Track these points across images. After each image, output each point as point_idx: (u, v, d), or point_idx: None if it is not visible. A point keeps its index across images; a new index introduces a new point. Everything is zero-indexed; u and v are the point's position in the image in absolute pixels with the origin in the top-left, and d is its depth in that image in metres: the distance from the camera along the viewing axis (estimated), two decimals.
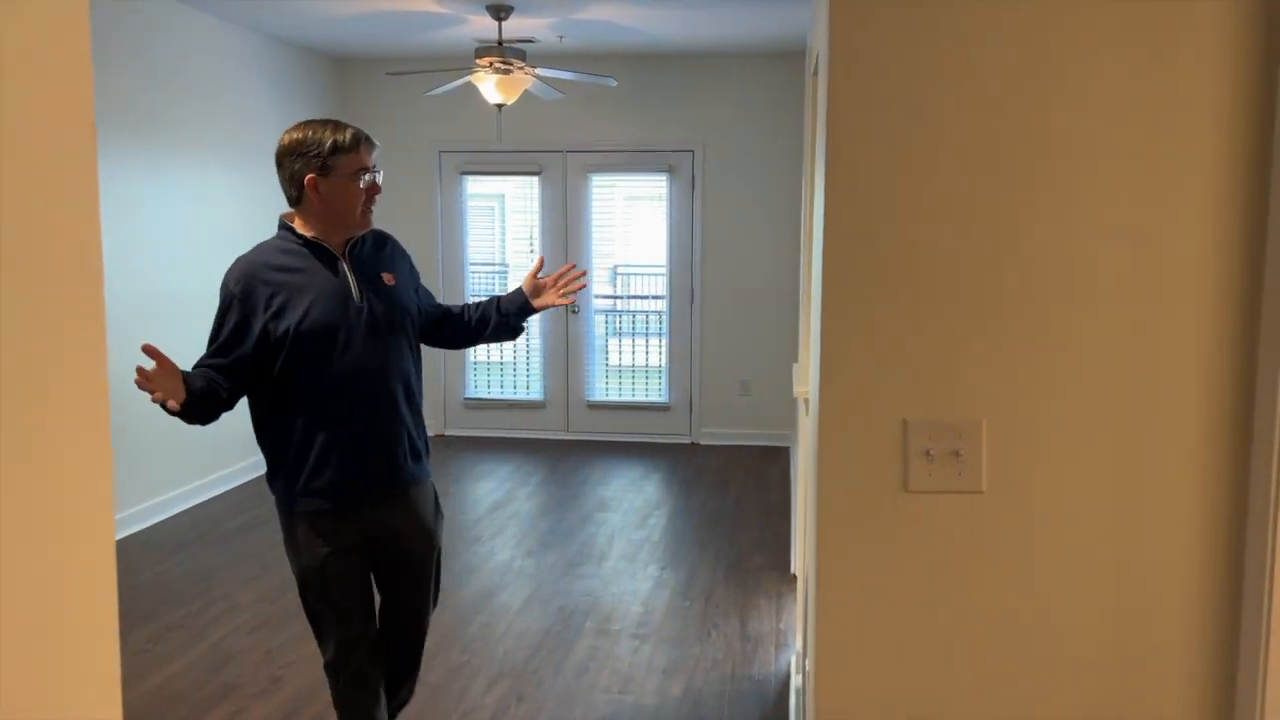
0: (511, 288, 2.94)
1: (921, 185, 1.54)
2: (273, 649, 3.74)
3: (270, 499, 2.64)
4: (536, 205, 7.45)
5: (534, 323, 7.48)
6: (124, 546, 4.90)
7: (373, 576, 2.66)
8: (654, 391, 7.49)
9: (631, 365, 7.57)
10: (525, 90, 6.17)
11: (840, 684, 1.64)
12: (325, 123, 2.49)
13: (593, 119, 7.23)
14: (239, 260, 2.52)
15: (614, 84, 5.99)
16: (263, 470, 2.70)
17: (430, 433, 7.47)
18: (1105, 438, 1.54)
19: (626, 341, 7.60)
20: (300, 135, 2.46)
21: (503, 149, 7.35)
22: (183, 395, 2.28)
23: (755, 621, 4.04)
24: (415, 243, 7.50)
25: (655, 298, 7.50)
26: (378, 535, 2.57)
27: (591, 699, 3.41)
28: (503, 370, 7.64)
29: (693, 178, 7.20)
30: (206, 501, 5.71)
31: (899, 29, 1.51)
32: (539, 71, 5.69)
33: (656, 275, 7.47)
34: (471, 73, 5.66)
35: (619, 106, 7.18)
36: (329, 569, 2.49)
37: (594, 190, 7.37)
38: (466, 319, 2.89)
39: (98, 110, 4.31)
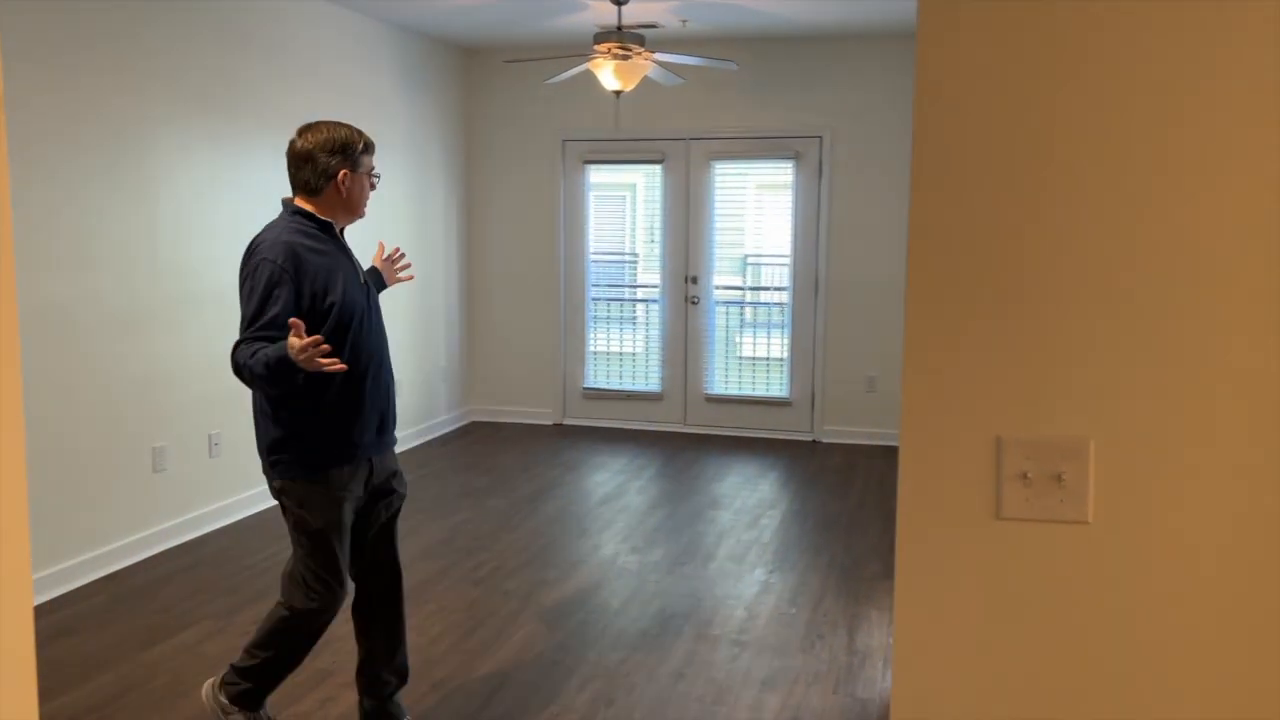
0: (640, 279, 3.07)
1: (1025, 176, 1.33)
2: None
3: None
4: (658, 194, 7.33)
5: (654, 313, 7.38)
6: (242, 527, 5.02)
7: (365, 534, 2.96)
8: (775, 386, 7.28)
9: (752, 358, 7.37)
10: (645, 77, 6.05)
11: None
12: (349, 125, 2.87)
13: (716, 105, 7.05)
14: (274, 241, 2.71)
15: (734, 67, 5.80)
16: None
17: (548, 421, 7.56)
18: (1237, 465, 1.30)
19: (748, 334, 7.41)
20: (342, 134, 2.82)
21: (626, 137, 7.25)
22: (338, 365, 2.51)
23: (864, 635, 3.82)
24: (536, 233, 7.52)
25: (778, 289, 7.28)
26: (380, 483, 2.88)
27: (684, 708, 3.27)
28: (621, 361, 7.56)
29: (820, 165, 6.94)
30: None
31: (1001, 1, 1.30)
32: (657, 56, 5.56)
33: (779, 266, 7.24)
34: (590, 59, 5.57)
35: (743, 92, 6.98)
36: (345, 519, 2.79)
37: (717, 178, 7.20)
38: None
39: (230, 102, 4.41)
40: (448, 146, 7.22)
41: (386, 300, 6.47)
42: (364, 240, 5.88)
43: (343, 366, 2.49)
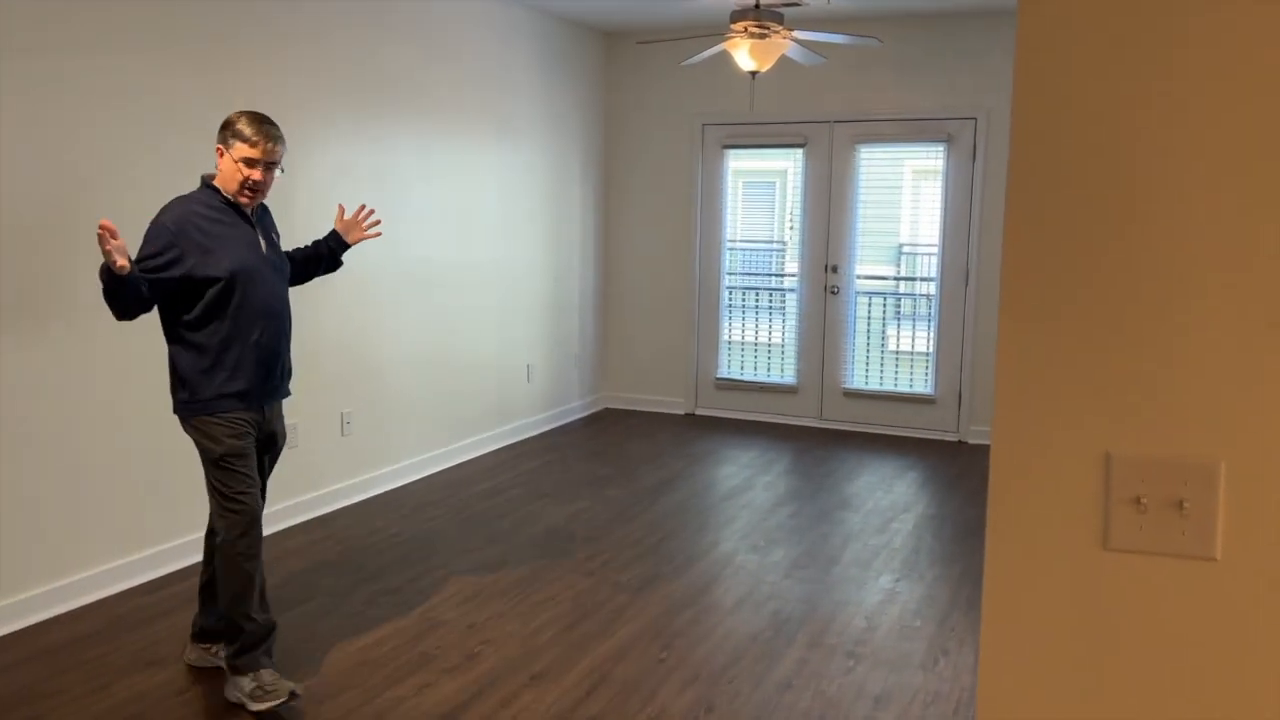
0: (788, 268, 2.86)
1: (1145, 156, 1.11)
2: (476, 624, 3.71)
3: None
4: (800, 179, 7.08)
5: (790, 302, 7.14)
6: (367, 506, 5.11)
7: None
8: (919, 382, 6.93)
9: (896, 352, 7.04)
10: (784, 56, 5.81)
11: None
12: (247, 113, 3.09)
13: (862, 86, 6.74)
14: (172, 206, 3.05)
15: (878, 44, 5.50)
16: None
17: (680, 411, 7.44)
18: None
19: (892, 327, 7.08)
20: (230, 117, 3.07)
21: (767, 120, 7.03)
22: (128, 264, 2.77)
23: None
24: (672, 219, 7.39)
25: (925, 279, 6.92)
26: (267, 429, 3.22)
27: None
28: (756, 351, 7.36)
29: (974, 148, 6.54)
30: (456, 466, 5.89)
31: None
32: (796, 34, 5.32)
33: (927, 255, 6.88)
34: (726, 39, 5.39)
35: (890, 71, 6.65)
36: (244, 449, 3.09)
37: (862, 163, 6.89)
38: (300, 259, 3.49)
39: (368, 89, 4.41)
40: (585, 131, 7.18)
41: (519, 283, 6.42)
42: (474, 206, 5.87)
43: (124, 262, 2.73)
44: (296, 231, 4.71)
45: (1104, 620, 1.19)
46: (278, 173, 3.15)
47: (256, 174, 3.06)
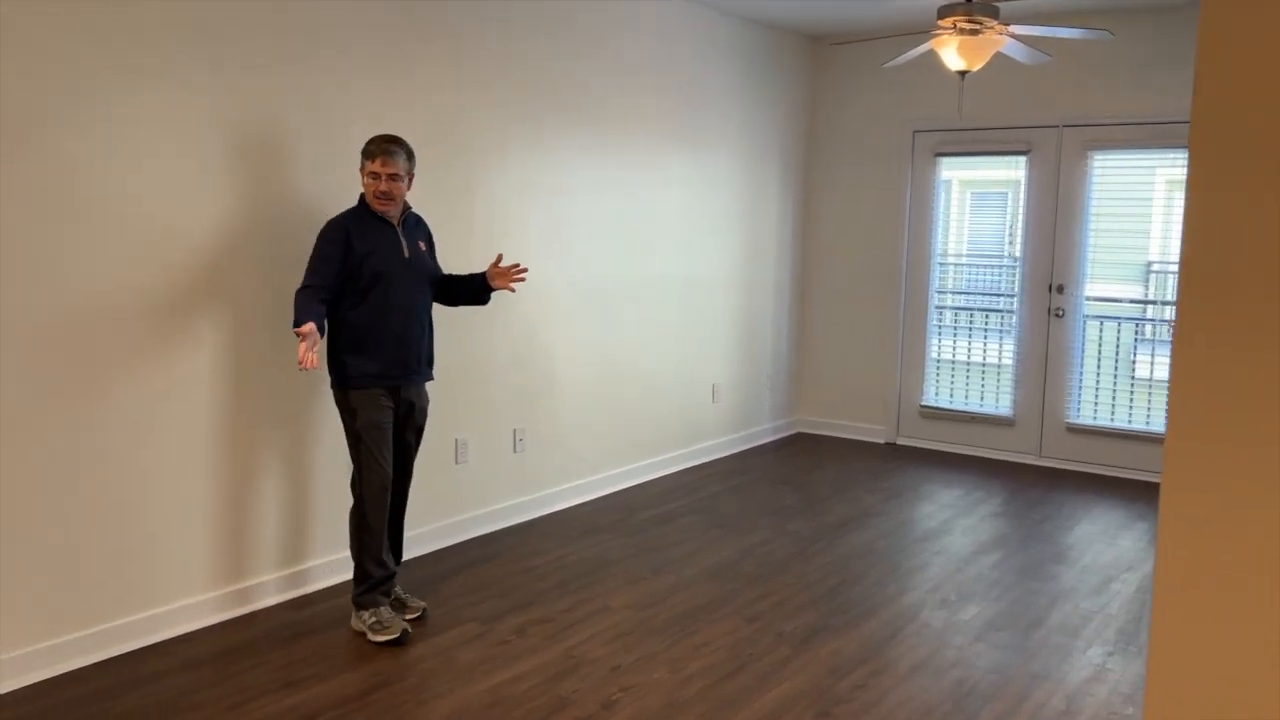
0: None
1: None
2: (622, 666, 3.46)
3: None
4: (1021, 190, 6.43)
5: (1009, 327, 6.50)
6: (534, 526, 4.98)
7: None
8: (1156, 418, 6.11)
9: (1131, 380, 6.24)
10: (1002, 55, 5.26)
11: None
12: (379, 135, 3.64)
13: (1096, 86, 6.04)
14: (334, 219, 3.63)
15: (1111, 38, 4.85)
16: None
17: (880, 440, 6.91)
18: None
19: (1133, 353, 6.28)
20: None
21: (987, 125, 6.44)
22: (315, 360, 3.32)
23: None
24: (878, 232, 6.90)
25: (1166, 303, 6.10)
26: (405, 405, 3.72)
27: None
28: (968, 377, 6.75)
29: None
30: (631, 488, 5.69)
31: None
32: (1014, 29, 4.77)
33: (1170, 274, 6.06)
34: (932, 36, 4.91)
35: (1127, 70, 5.91)
36: (381, 421, 3.61)
37: (1095, 171, 6.17)
38: (448, 283, 3.91)
39: (550, 101, 4.30)
40: (784, 141, 6.83)
41: (706, 299, 6.15)
42: (617, 214, 5.61)
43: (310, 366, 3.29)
44: (476, 243, 4.65)
45: None
46: (404, 183, 3.64)
47: (382, 184, 3.57)
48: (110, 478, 3.41)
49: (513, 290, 3.92)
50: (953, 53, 4.84)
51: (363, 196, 3.64)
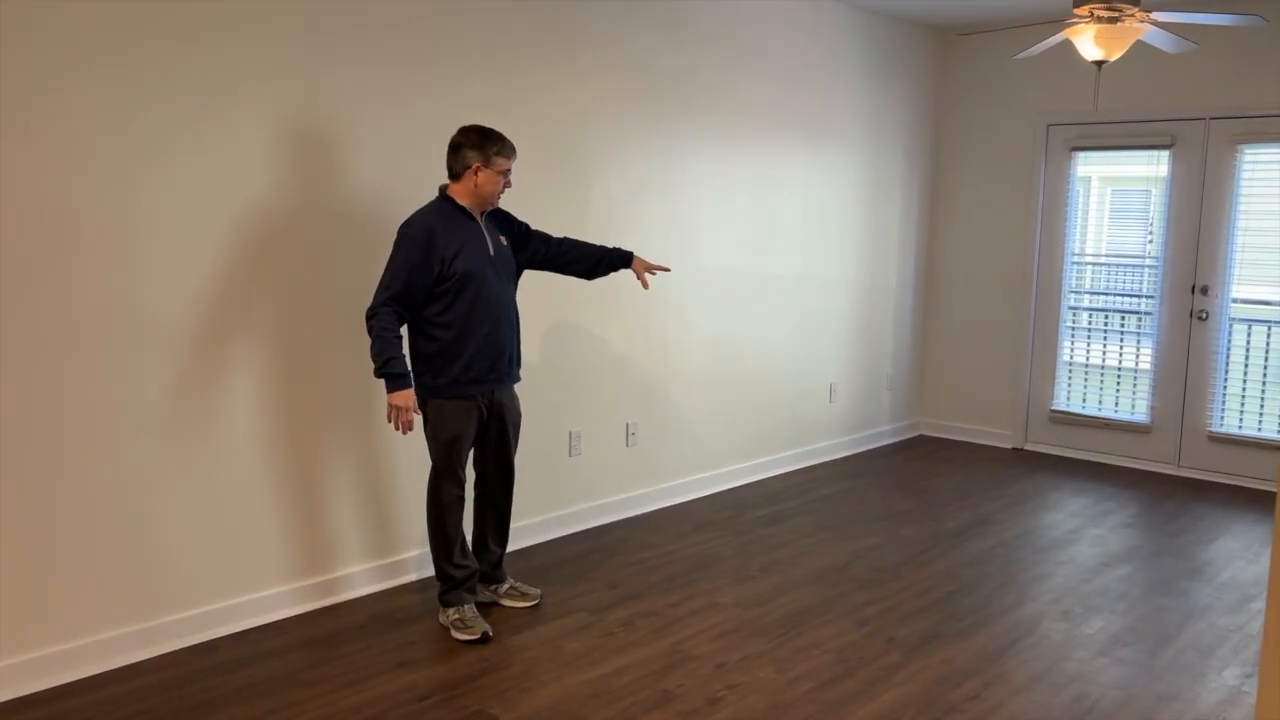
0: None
1: None
2: (728, 663, 3.44)
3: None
4: (1164, 186, 6.11)
5: (1147, 330, 6.19)
6: (645, 520, 4.99)
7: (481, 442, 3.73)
8: None
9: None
10: (1144, 44, 5.01)
11: None
12: (496, 131, 3.52)
13: (1244, 75, 5.69)
14: (416, 219, 3.45)
15: (1265, 24, 4.56)
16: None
17: (1006, 445, 6.67)
18: None
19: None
20: (480, 135, 3.48)
21: (1127, 119, 6.14)
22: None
23: None
24: (1008, 229, 6.66)
25: None
26: (495, 406, 3.63)
27: None
28: (1103, 381, 6.45)
29: None
30: (743, 486, 5.65)
31: None
32: (1156, 16, 4.53)
33: None
34: (1068, 25, 4.71)
35: (1279, 57, 5.55)
36: (466, 430, 3.56)
37: (1245, 166, 5.82)
38: (583, 253, 3.86)
39: (668, 96, 4.37)
40: (909, 135, 6.66)
41: (824, 297, 6.05)
42: (743, 219, 5.52)
43: (408, 431, 3.38)
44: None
45: None
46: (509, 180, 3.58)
47: (509, 180, 3.54)
48: (194, 474, 3.58)
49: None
50: (1089, 42, 4.62)
51: (443, 190, 3.51)
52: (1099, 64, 4.77)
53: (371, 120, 3.82)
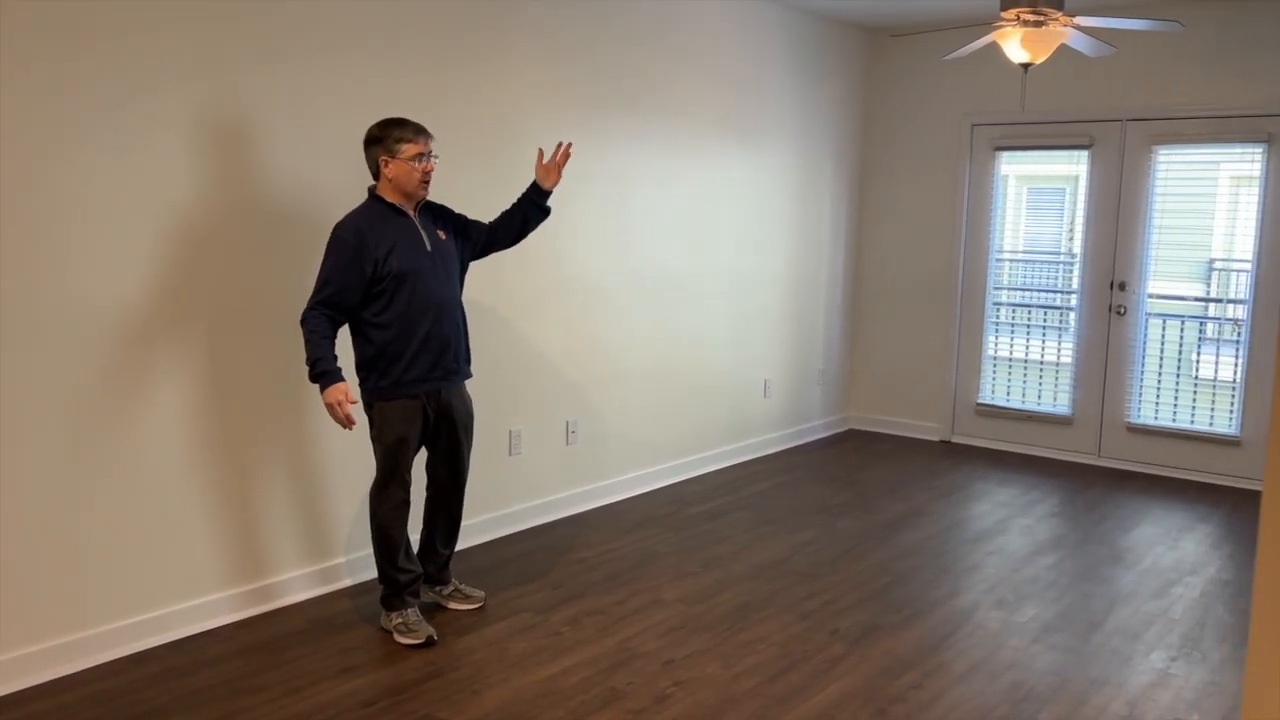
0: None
1: None
2: (674, 660, 3.46)
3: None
4: (1082, 185, 6.31)
5: (1068, 325, 6.39)
6: (586, 518, 4.99)
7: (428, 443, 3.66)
8: (1220, 420, 5.97)
9: (1195, 380, 6.10)
10: (1065, 47, 5.15)
11: None
12: (395, 119, 3.41)
13: (1160, 79, 5.90)
14: (346, 221, 3.39)
15: (1180, 29, 4.74)
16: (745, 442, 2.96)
17: (934, 438, 6.83)
18: None
19: (1194, 353, 6.14)
20: (378, 130, 3.39)
21: (1049, 119, 6.32)
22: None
23: None
24: (934, 227, 6.81)
25: (1234, 301, 5.95)
26: (443, 405, 3.55)
27: None
28: (1025, 375, 6.64)
29: None
30: (682, 482, 5.68)
31: None
32: (1079, 21, 4.68)
33: (1241, 272, 5.92)
34: (995, 28, 4.83)
35: (1195, 62, 5.77)
36: (409, 434, 3.49)
37: (1160, 166, 6.03)
38: (506, 219, 3.74)
39: (609, 93, 4.30)
40: (839, 134, 6.76)
41: (758, 294, 6.11)
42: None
43: (349, 426, 3.31)
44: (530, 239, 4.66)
45: None
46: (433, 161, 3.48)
47: (429, 164, 3.42)
48: (123, 478, 3.48)
49: (558, 175, 3.69)
50: (1016, 45, 4.75)
51: (372, 191, 3.44)
52: (1025, 66, 4.91)
53: (300, 116, 3.74)
